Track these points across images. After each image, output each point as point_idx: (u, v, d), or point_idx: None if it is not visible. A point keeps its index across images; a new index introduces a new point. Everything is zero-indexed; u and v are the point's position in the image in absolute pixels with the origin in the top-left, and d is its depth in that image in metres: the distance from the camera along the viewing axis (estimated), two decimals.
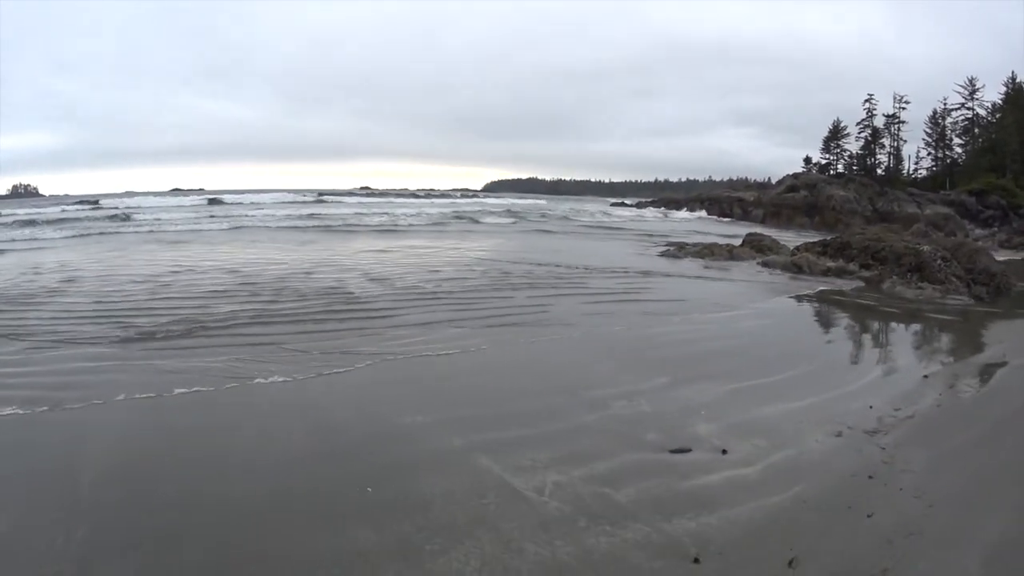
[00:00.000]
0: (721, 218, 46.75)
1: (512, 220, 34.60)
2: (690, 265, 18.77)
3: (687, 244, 22.34)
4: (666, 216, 49.20)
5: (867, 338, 9.90)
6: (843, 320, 11.06)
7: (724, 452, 4.96)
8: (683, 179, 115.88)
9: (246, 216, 30.95)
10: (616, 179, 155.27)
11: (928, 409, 6.25)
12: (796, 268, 18.54)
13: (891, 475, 4.59)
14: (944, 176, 46.64)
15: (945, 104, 49.21)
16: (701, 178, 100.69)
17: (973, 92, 47.70)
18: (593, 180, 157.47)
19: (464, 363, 7.32)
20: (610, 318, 10.10)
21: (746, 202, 48.55)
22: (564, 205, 56.44)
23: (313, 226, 26.99)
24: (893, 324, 11.42)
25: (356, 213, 34.53)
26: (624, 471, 4.50)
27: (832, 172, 53.87)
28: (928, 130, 50.28)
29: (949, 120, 49.17)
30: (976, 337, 10.46)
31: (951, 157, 49.12)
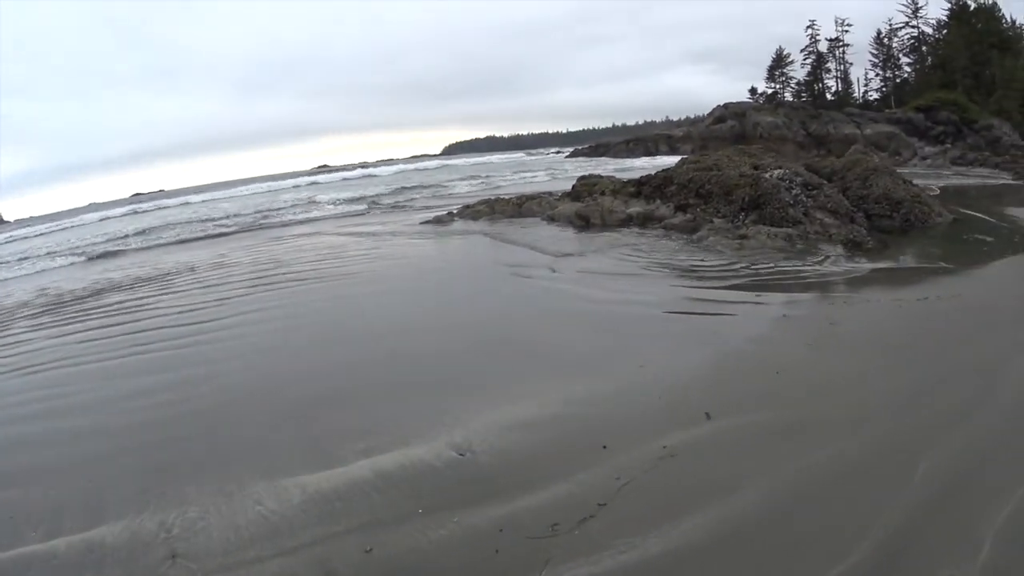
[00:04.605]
0: (645, 156, 41.95)
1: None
2: (426, 238, 12.32)
3: (472, 204, 16.27)
4: (589, 161, 44.86)
5: None
6: None
7: None
8: (639, 122, 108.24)
9: None
10: (574, 128, 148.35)
11: None
12: (583, 221, 11.65)
13: None
14: (896, 96, 41.80)
15: (890, 24, 45.37)
16: (658, 119, 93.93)
17: (916, 10, 43.46)
18: (551, 132, 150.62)
19: None
20: None
21: (675, 138, 43.75)
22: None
23: None
24: None
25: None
26: None
27: (779, 100, 48.70)
28: (874, 51, 46.14)
29: (896, 41, 45.21)
30: None
31: (900, 77, 45.07)
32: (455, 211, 16.15)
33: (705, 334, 5.46)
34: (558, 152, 71.02)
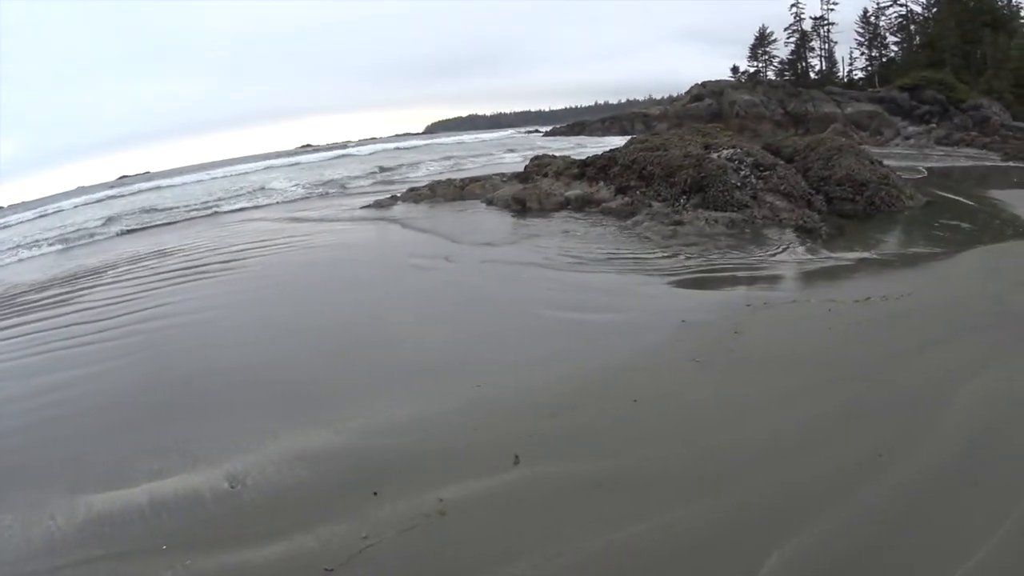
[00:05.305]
0: (621, 135, 40.28)
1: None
2: (357, 223, 12.64)
3: (417, 187, 15.85)
4: (566, 140, 43.22)
5: None
6: None
7: None
8: (622, 100, 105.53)
9: None
10: (557, 107, 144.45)
11: None
12: (519, 205, 10.60)
13: None
14: (881, 75, 40.73)
15: (878, 3, 43.87)
16: (641, 97, 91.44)
17: None
18: (533, 110, 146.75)
19: None
20: None
21: (651, 117, 42.43)
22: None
23: None
24: None
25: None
26: None
27: (760, 79, 47.64)
28: (860, 30, 44.49)
29: (883, 19, 43.58)
30: None
31: (887, 56, 43.49)
32: (399, 195, 15.15)
33: (578, 343, 4.44)
34: (535, 131, 69.88)
